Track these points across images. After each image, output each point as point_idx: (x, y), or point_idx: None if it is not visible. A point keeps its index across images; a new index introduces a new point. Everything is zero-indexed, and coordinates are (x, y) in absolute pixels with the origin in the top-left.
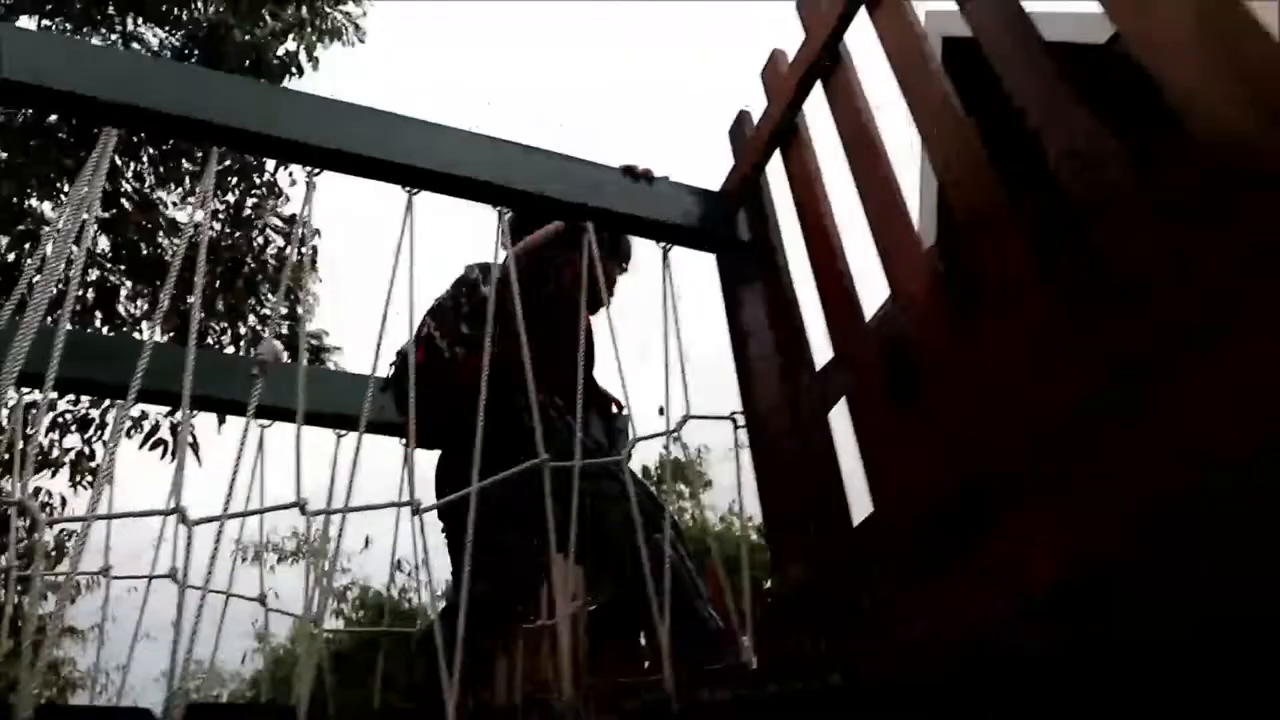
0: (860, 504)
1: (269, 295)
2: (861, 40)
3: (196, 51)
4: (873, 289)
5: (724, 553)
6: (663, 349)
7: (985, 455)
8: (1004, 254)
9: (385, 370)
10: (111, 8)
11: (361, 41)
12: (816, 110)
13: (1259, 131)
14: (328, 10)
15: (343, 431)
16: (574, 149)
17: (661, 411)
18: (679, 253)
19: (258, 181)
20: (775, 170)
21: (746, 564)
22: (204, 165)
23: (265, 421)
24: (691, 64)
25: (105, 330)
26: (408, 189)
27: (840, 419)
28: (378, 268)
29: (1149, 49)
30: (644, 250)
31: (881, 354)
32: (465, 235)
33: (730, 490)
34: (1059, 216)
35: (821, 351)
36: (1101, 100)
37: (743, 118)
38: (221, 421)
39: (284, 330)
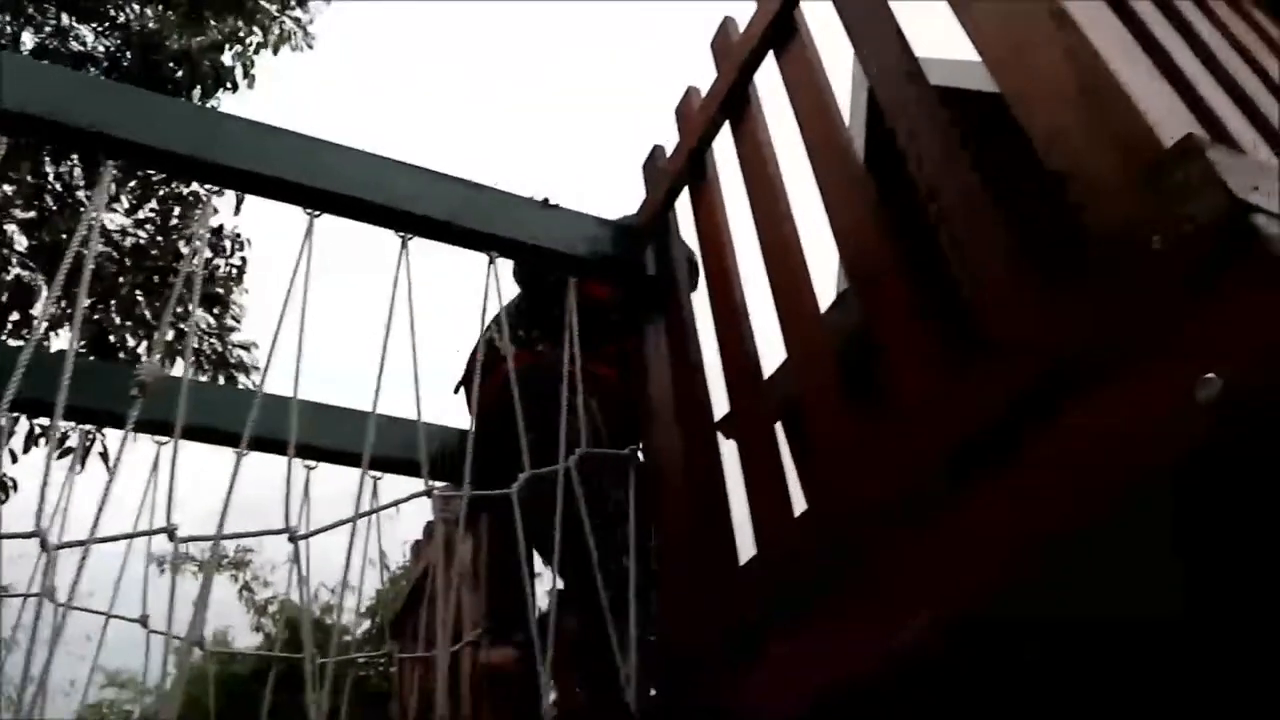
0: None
1: (192, 306)
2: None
3: (129, 55)
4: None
5: None
6: (565, 381)
7: (846, 523)
8: (883, 314)
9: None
10: (47, 3)
11: (310, 47)
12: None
13: (1121, 197)
14: (275, 15)
15: (244, 450)
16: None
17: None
18: None
19: (184, 191)
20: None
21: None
22: (97, 179)
23: (163, 438)
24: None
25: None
26: (309, 211)
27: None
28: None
29: (1023, 106)
30: None
31: (772, 415)
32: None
33: None
34: (939, 276)
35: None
36: (1005, 148)
37: (656, 152)
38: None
39: (198, 343)
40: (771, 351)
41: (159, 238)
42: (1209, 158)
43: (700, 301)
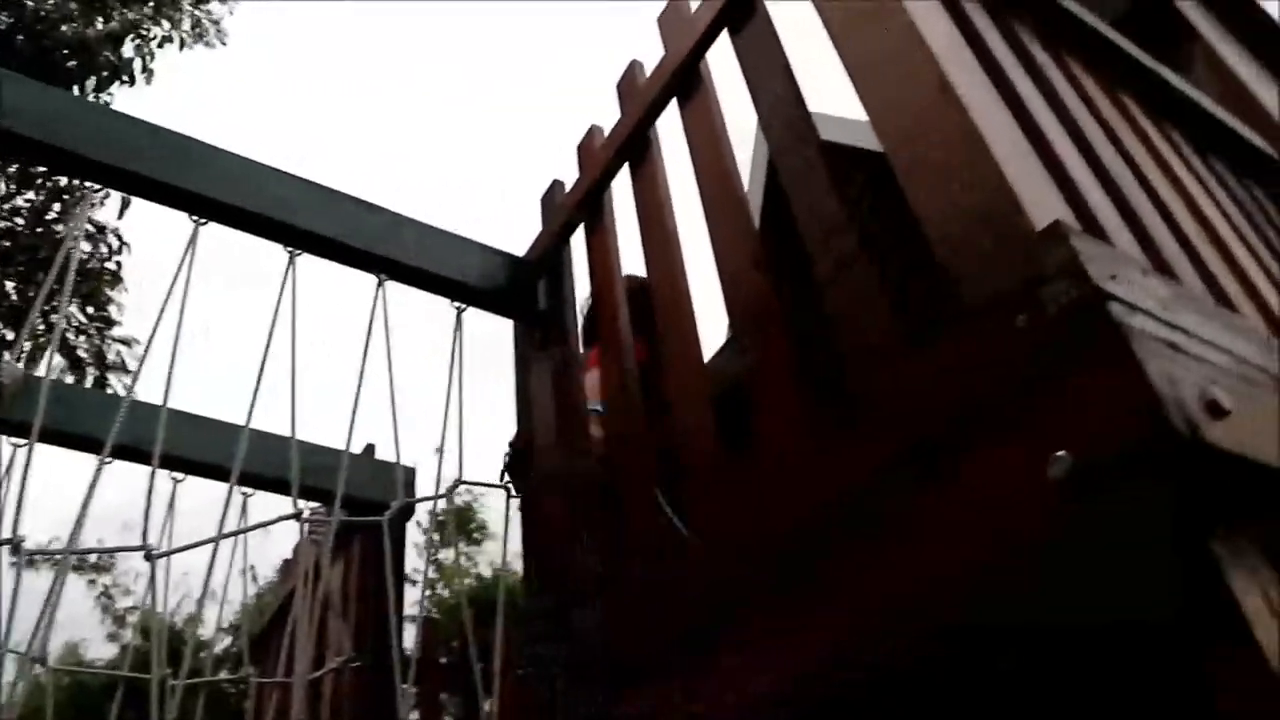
0: None
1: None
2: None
3: (20, 39)
4: None
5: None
6: (444, 410)
7: (729, 569)
8: (760, 369)
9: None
10: None
11: (223, 44)
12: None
13: (992, 275)
14: (185, 9)
15: (106, 459)
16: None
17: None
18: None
19: (64, 184)
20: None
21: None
22: None
23: (20, 440)
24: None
25: None
26: (195, 219)
27: None
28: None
29: (908, 177)
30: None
31: (652, 464)
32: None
33: None
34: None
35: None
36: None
37: (555, 187)
38: None
39: (74, 337)
40: None
41: (37, 229)
42: (1073, 245)
43: None
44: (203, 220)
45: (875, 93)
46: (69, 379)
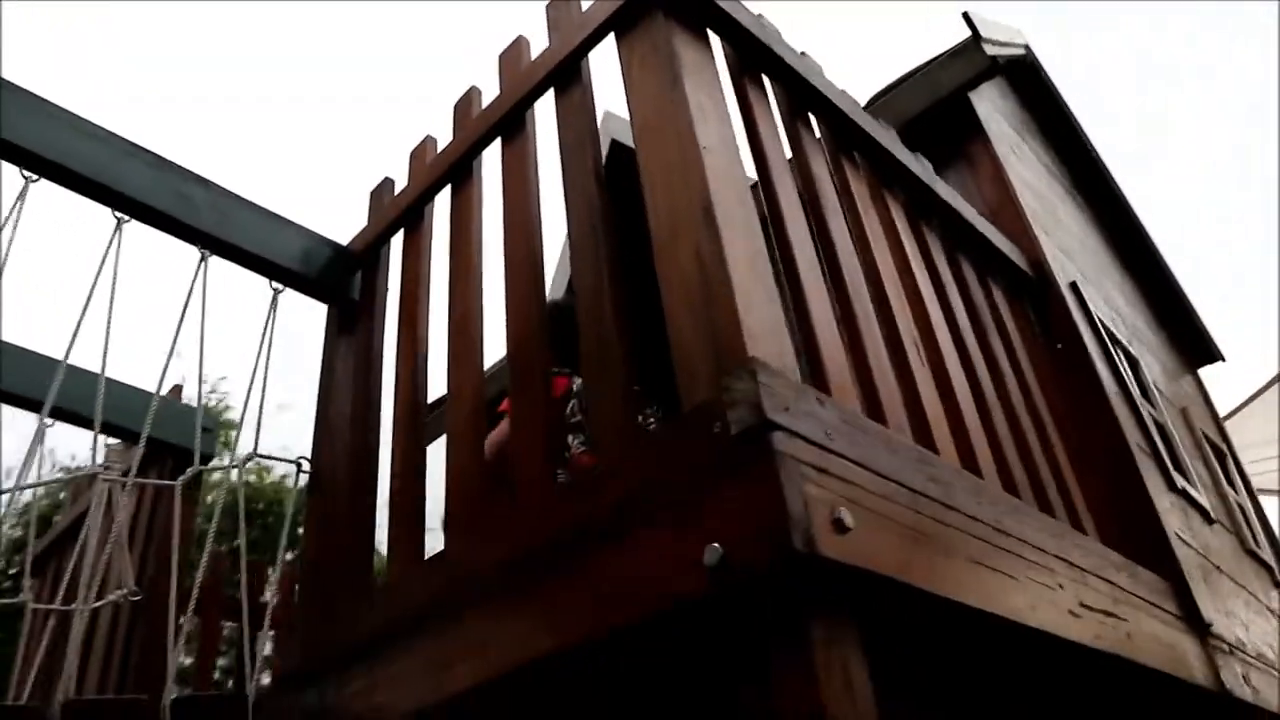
0: None
1: None
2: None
3: None
4: None
5: None
6: (248, 387)
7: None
8: (516, 420)
9: None
10: None
11: None
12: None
13: (706, 385)
14: None
15: None
16: None
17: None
18: None
19: None
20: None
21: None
22: None
23: None
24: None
25: None
26: (26, 175)
27: None
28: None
29: (662, 279)
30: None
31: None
32: None
33: None
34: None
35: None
36: None
37: (385, 185)
38: None
39: None
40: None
41: None
42: (759, 379)
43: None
44: (34, 178)
45: (655, 193)
46: None
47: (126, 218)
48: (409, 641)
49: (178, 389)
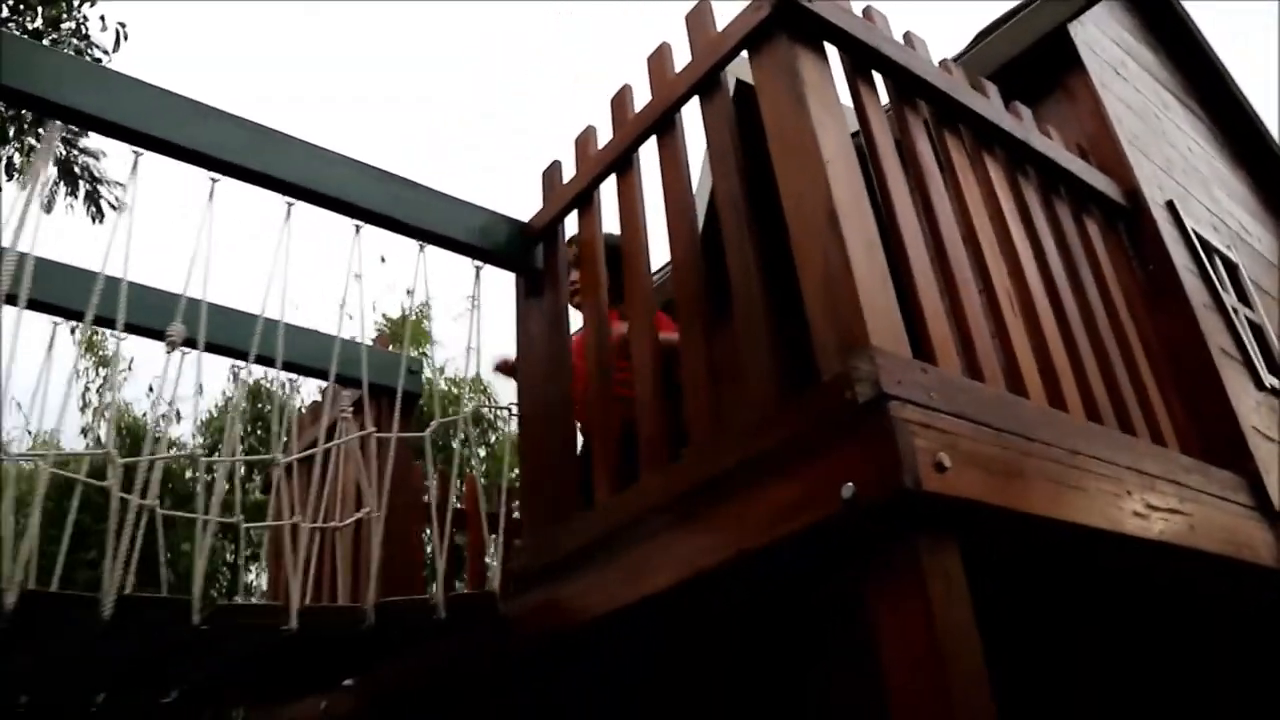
0: None
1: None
2: None
3: None
4: None
5: None
6: (466, 349)
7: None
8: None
9: None
10: None
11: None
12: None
13: (835, 360)
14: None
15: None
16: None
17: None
18: None
19: None
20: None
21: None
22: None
23: None
24: None
25: None
26: (288, 200)
27: None
28: None
29: (801, 266)
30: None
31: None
32: None
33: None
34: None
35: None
36: None
37: (554, 168)
38: None
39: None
40: None
41: None
42: (875, 361)
43: None
44: (294, 201)
45: (789, 198)
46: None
47: (362, 224)
48: (610, 554)
49: (384, 338)
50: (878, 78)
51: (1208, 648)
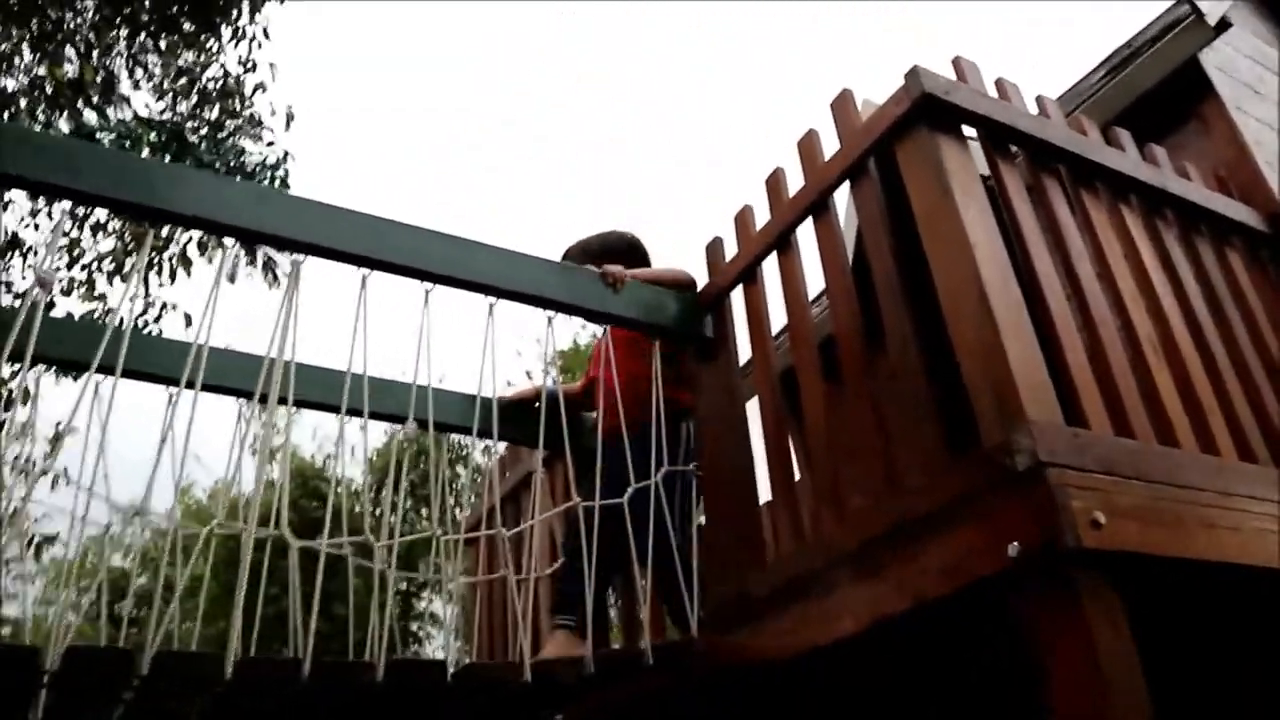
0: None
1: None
2: None
3: None
4: None
5: None
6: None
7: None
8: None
9: None
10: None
11: None
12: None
13: (995, 429)
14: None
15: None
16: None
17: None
18: None
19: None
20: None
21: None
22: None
23: None
24: None
25: None
26: (426, 286)
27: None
28: None
29: (956, 340)
30: None
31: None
32: None
33: None
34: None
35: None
36: None
37: (715, 245)
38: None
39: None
40: None
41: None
42: (1032, 433)
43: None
44: (431, 286)
45: (941, 276)
46: None
47: (554, 314)
48: (798, 599)
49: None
50: (1014, 149)
51: None
